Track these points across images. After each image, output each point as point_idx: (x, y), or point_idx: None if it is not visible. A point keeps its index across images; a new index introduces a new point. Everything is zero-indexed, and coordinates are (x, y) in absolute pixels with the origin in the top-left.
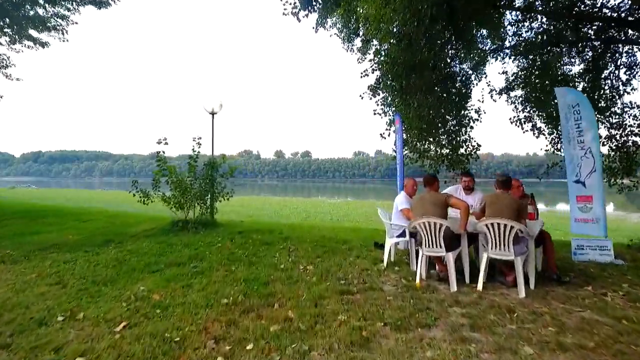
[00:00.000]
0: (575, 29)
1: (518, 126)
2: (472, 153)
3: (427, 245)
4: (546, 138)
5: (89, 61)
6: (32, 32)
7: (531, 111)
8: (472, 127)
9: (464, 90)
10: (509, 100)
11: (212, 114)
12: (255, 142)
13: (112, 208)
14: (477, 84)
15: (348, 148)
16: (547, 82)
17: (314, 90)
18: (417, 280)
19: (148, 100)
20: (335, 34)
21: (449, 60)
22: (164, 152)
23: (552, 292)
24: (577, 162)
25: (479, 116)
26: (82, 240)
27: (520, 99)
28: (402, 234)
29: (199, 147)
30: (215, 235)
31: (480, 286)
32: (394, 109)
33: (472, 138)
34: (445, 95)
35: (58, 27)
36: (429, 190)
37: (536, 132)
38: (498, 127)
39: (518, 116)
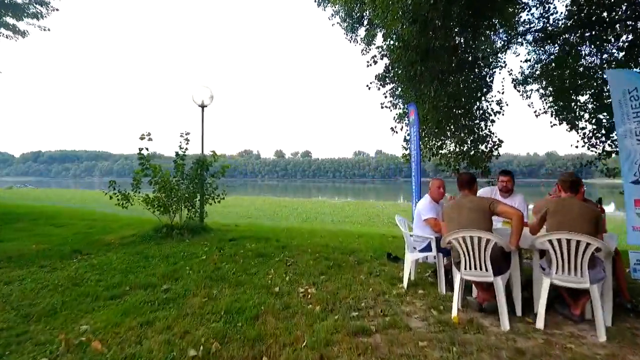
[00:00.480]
0: (610, 7)
1: (555, 117)
2: (493, 150)
3: (467, 267)
4: (577, 133)
5: (89, 59)
6: (9, 20)
7: (558, 103)
8: (493, 121)
9: (483, 80)
10: (525, 95)
11: (202, 106)
12: (255, 142)
13: (101, 209)
14: (499, 72)
15: (348, 148)
16: (573, 71)
17: (314, 89)
18: (454, 313)
19: (149, 99)
20: (337, 23)
21: (468, 44)
22: (147, 149)
23: (637, 330)
24: (635, 158)
25: (500, 108)
26: (44, 251)
27: (547, 89)
28: (427, 248)
29: (187, 143)
30: (203, 244)
31: (540, 323)
32: (404, 100)
33: (493, 133)
34: (465, 83)
35: (37, 14)
36: (467, 193)
37: (567, 125)
38: (497, 125)
39: (545, 109)
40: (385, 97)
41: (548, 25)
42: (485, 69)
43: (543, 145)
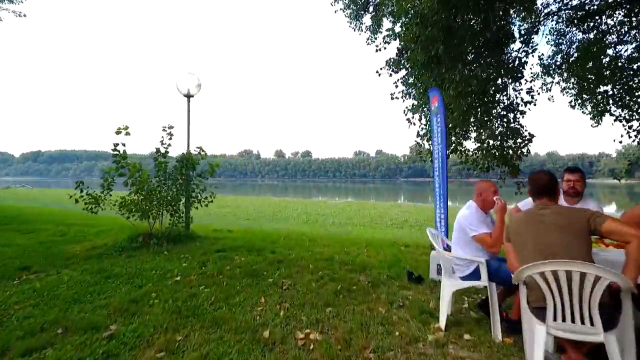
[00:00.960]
0: None
1: (597, 108)
2: (523, 146)
3: (558, 317)
4: (624, 126)
5: (87, 57)
6: None
7: (581, 95)
8: (523, 112)
9: (514, 63)
10: (545, 88)
11: (188, 96)
12: (255, 142)
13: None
14: (533, 54)
15: (348, 148)
16: (598, 60)
17: (314, 89)
18: None
19: (151, 98)
20: (340, 9)
21: (496, 21)
22: (124, 145)
23: None
24: None
25: (532, 98)
26: None
27: (569, 81)
28: (473, 275)
29: (170, 138)
30: (183, 257)
31: None
32: (422, 86)
33: (524, 126)
34: (494, 67)
35: None
36: (547, 203)
37: (609, 117)
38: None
39: (583, 98)
40: (396, 86)
41: (585, 2)
42: (518, 50)
43: (544, 145)
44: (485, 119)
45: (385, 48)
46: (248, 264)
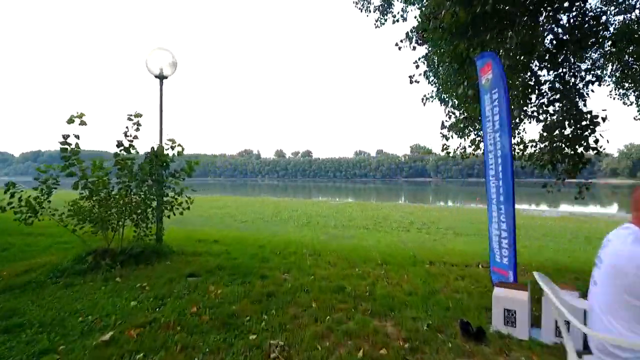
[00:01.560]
0: None
1: None
2: (589, 135)
3: None
4: None
5: (85, 55)
6: None
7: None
8: (586, 95)
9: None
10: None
11: (161, 77)
12: (255, 141)
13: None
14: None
15: (349, 147)
16: None
17: (315, 88)
18: None
19: (149, 96)
20: None
21: None
22: (77, 137)
23: None
24: None
25: (594, 77)
26: None
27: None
28: None
29: (137, 130)
30: (137, 288)
31: None
32: (448, 61)
33: (589, 112)
34: (565, 27)
35: None
36: None
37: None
38: None
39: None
40: (417, 66)
41: None
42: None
43: None
44: (549, 99)
45: (403, 18)
46: (225, 300)
